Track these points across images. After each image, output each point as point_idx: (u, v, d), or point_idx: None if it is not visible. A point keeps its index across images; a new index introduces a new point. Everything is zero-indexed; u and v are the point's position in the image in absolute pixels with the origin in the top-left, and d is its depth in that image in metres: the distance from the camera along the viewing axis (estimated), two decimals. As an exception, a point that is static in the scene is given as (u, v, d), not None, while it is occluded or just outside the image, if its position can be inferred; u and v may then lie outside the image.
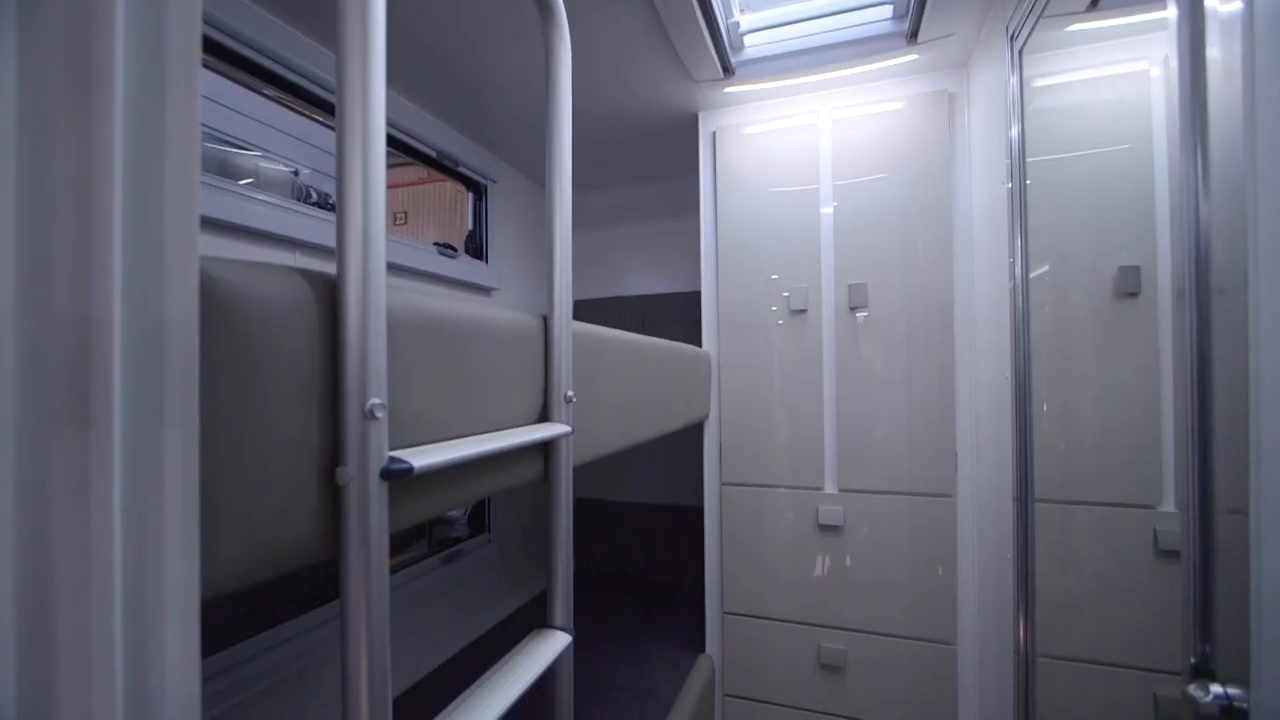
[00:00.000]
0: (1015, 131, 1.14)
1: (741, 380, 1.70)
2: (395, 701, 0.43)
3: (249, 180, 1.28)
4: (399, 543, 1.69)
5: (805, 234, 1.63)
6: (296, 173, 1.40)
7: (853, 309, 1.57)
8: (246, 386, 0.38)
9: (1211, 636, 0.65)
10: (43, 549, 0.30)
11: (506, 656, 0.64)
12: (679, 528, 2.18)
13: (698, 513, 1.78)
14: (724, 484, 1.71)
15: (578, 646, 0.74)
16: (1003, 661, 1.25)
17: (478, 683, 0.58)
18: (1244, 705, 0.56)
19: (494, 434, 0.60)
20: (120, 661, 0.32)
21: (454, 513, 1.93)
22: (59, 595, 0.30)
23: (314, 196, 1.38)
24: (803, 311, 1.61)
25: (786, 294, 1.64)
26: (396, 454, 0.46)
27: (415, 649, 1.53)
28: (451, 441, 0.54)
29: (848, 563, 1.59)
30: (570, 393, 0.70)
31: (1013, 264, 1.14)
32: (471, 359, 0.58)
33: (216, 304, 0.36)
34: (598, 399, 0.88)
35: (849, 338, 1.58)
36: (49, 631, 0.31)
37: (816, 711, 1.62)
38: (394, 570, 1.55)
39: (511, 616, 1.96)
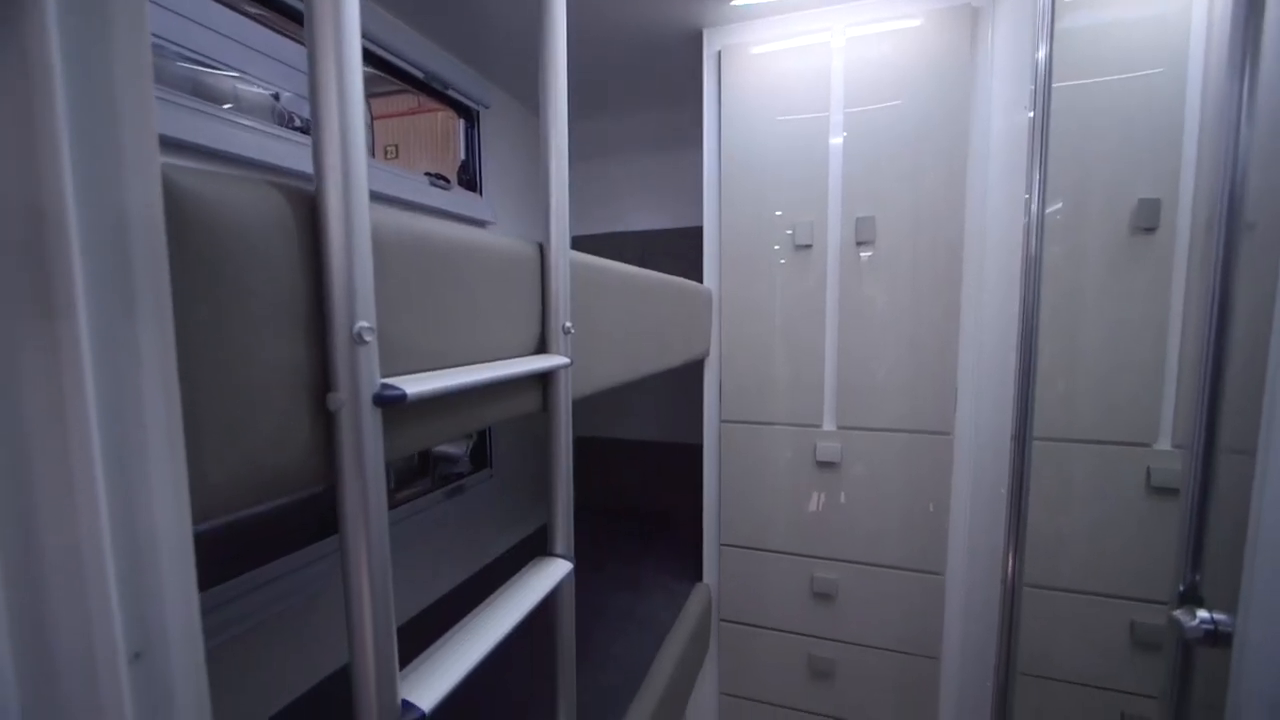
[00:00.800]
0: (1042, 53, 1.06)
1: (743, 317, 1.67)
2: (400, 630, 0.44)
3: (229, 105, 1.21)
4: (403, 479, 1.71)
5: (813, 166, 1.56)
6: (277, 96, 1.32)
7: (859, 244, 1.53)
8: (226, 304, 0.36)
9: (1202, 567, 0.66)
10: (23, 451, 0.29)
11: (509, 583, 0.65)
12: (678, 465, 2.22)
13: (697, 450, 1.80)
14: (723, 421, 1.72)
15: (578, 575, 0.75)
16: (989, 591, 1.29)
17: (480, 607, 0.60)
18: (1229, 630, 0.57)
19: (490, 364, 0.58)
20: (113, 579, 0.31)
21: (455, 450, 1.96)
22: (43, 505, 0.30)
23: (296, 121, 1.31)
24: (807, 247, 1.57)
25: (790, 231, 1.59)
26: (389, 381, 0.44)
27: (420, 580, 1.58)
28: (446, 370, 0.52)
29: (843, 498, 1.62)
30: (568, 324, 0.68)
31: (1029, 200, 1.09)
32: (465, 286, 0.56)
33: (189, 215, 0.33)
34: (597, 332, 0.86)
35: (854, 274, 1.55)
36: (36, 552, 0.30)
37: (808, 635, 1.70)
38: (397, 505, 1.59)
39: (514, 549, 2.02)
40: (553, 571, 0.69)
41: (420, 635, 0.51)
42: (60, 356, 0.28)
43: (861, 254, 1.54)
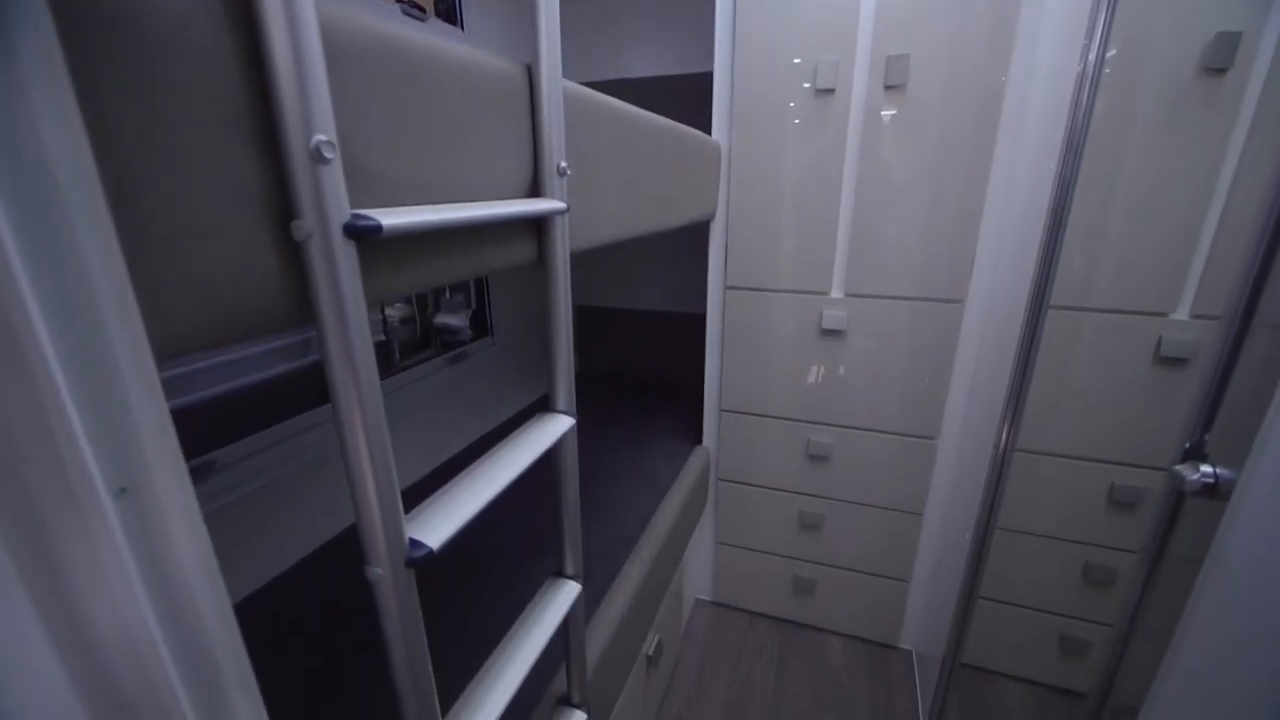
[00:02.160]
0: None
1: (753, 175, 1.56)
2: (407, 492, 0.43)
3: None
4: (406, 351, 1.71)
5: (843, -2, 1.36)
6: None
7: (888, 88, 1.37)
8: (155, 103, 0.30)
9: (1212, 426, 0.65)
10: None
11: (512, 435, 0.65)
12: (681, 334, 2.21)
13: (700, 320, 1.78)
14: (728, 288, 1.67)
15: (581, 435, 0.75)
16: (979, 456, 1.33)
17: (485, 457, 0.59)
18: (1231, 482, 0.58)
19: (477, 204, 0.52)
20: (77, 419, 0.29)
21: (457, 321, 1.94)
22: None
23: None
24: (829, 91, 1.42)
25: (808, 84, 1.43)
26: (362, 211, 0.39)
27: (425, 446, 1.64)
28: (427, 206, 0.47)
29: (846, 365, 1.62)
30: (563, 163, 0.61)
31: (1087, 46, 0.95)
32: (443, 108, 0.49)
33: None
34: (594, 178, 0.78)
35: (877, 124, 1.41)
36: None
37: (801, 493, 1.80)
38: (400, 371, 1.60)
39: (517, 416, 2.08)
40: (555, 427, 0.68)
41: (427, 495, 0.51)
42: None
43: (887, 109, 1.39)
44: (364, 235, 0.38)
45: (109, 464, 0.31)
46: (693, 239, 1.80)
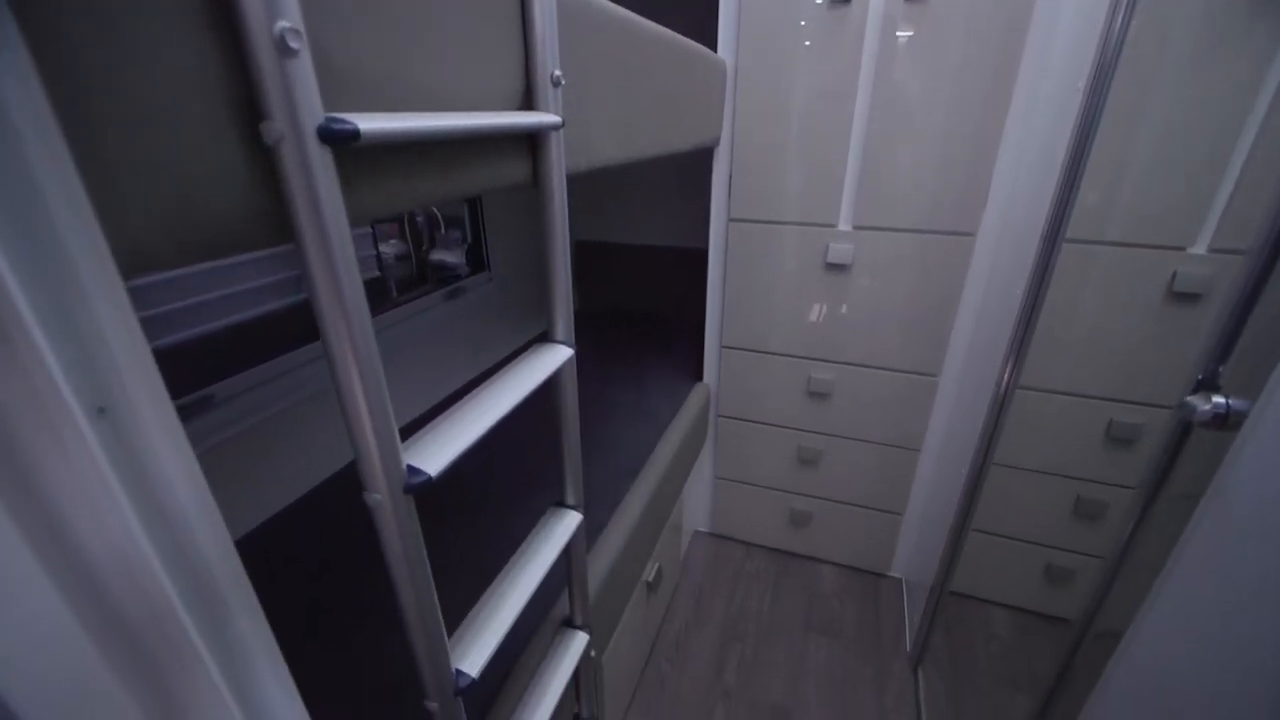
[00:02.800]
0: None
1: (760, 97, 1.48)
2: (405, 429, 0.42)
3: None
4: (402, 286, 1.67)
5: (864, -109, 1.24)
6: None
7: (909, 1, 1.27)
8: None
9: (1229, 358, 0.64)
10: None
11: (510, 364, 0.64)
12: (682, 270, 2.17)
13: (701, 255, 1.73)
14: (731, 220, 1.62)
15: (581, 372, 0.74)
16: (982, 393, 1.33)
17: (483, 386, 0.58)
18: (1243, 413, 0.57)
19: (465, 114, 0.49)
20: (44, 341, 0.27)
21: (453, 258, 1.90)
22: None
23: None
24: (844, 2, 1.32)
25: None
26: (338, 115, 0.36)
27: (424, 382, 1.63)
28: (409, 113, 0.43)
29: (850, 301, 1.59)
30: (558, 72, 0.57)
31: None
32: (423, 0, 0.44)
33: None
34: (592, 91, 0.73)
35: (893, 45, 1.32)
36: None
37: (800, 429, 1.81)
38: (396, 307, 1.57)
39: (515, 353, 2.06)
40: (554, 356, 0.67)
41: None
42: None
43: (904, 28, 1.30)
44: (340, 140, 0.35)
45: (83, 384, 0.29)
46: (694, 171, 1.73)
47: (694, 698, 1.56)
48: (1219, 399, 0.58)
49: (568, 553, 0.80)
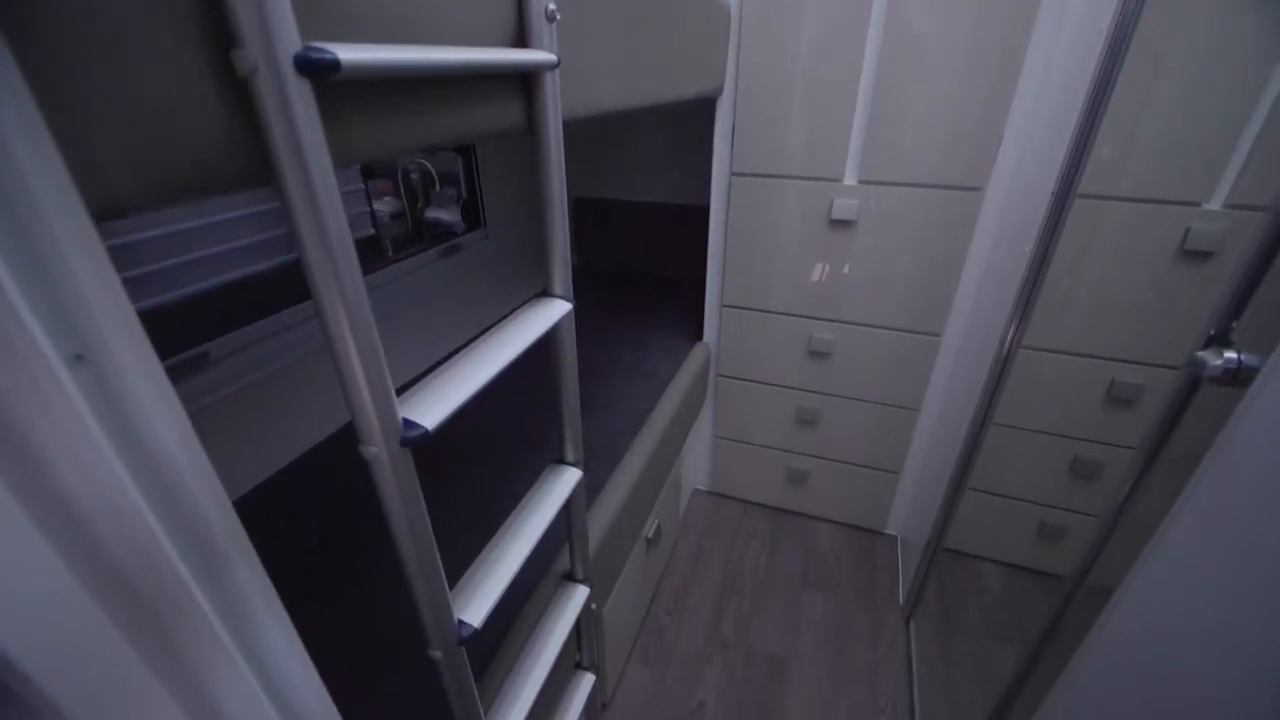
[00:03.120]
0: None
1: (764, 44, 1.41)
2: (402, 388, 0.40)
3: None
4: (397, 245, 1.64)
5: None
6: None
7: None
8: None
9: (1242, 314, 0.62)
10: None
11: (505, 319, 0.62)
12: (682, 227, 2.13)
13: (702, 212, 1.69)
14: (734, 174, 1.58)
15: (581, 331, 0.72)
16: (984, 353, 1.32)
17: (479, 340, 0.57)
18: (1254, 368, 0.56)
19: (452, 48, 0.46)
20: (15, 288, 0.26)
21: (449, 216, 1.85)
22: None
23: None
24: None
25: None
26: (317, 44, 0.33)
27: (421, 340, 1.62)
28: (392, 45, 0.41)
29: (853, 259, 1.56)
30: (553, 6, 0.53)
31: None
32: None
33: None
34: (589, 29, 0.69)
35: (908, -11, 1.26)
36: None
37: (799, 389, 1.81)
38: (391, 264, 1.54)
39: (513, 312, 2.04)
40: (552, 310, 0.66)
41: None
42: None
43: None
44: (320, 71, 0.33)
45: (58, 330, 0.28)
46: (695, 126, 1.67)
47: (692, 648, 1.61)
48: (1231, 354, 0.57)
49: (568, 508, 0.80)
